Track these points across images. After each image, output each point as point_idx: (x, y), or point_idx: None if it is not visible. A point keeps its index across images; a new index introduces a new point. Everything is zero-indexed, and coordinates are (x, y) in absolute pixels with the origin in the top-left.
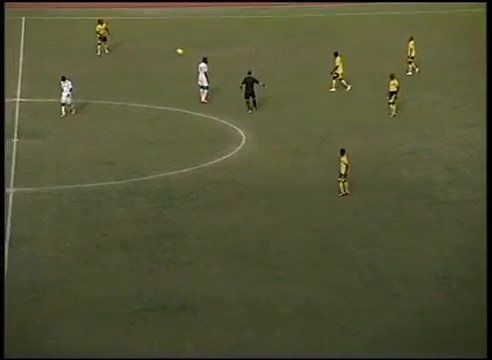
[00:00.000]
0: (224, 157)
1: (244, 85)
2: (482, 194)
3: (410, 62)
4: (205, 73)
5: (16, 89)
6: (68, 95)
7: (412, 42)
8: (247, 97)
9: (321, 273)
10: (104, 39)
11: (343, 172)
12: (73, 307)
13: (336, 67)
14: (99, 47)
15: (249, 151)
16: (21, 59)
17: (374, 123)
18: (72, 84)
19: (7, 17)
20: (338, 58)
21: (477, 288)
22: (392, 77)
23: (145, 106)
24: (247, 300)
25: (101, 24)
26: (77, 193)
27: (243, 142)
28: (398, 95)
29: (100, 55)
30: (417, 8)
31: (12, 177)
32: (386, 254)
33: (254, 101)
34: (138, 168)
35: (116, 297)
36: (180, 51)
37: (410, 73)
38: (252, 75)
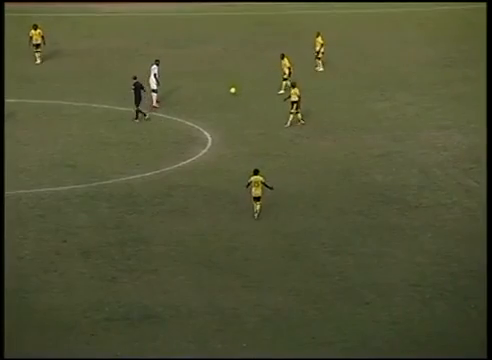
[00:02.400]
0: (189, 160)
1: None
2: (457, 198)
3: (319, 58)
4: (155, 75)
5: None
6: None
7: (320, 38)
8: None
9: (290, 281)
10: (37, 46)
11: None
12: (30, 317)
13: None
14: (38, 55)
15: (215, 154)
16: None
17: (345, 124)
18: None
19: None
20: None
21: (452, 296)
22: (293, 86)
23: (107, 107)
24: (213, 309)
25: (35, 29)
26: (35, 198)
27: (209, 144)
28: (300, 104)
29: (40, 63)
30: (390, 6)
31: None
32: (357, 261)
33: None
34: (99, 172)
35: (76, 307)
36: (233, 90)
37: (321, 69)
38: (138, 80)
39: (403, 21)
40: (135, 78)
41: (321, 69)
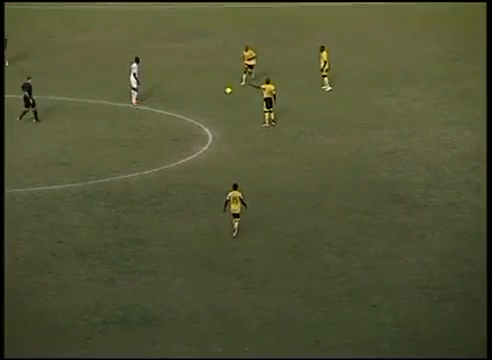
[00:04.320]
0: (189, 158)
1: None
2: (466, 197)
3: (324, 76)
4: (134, 74)
5: None
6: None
7: (324, 53)
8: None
9: (294, 282)
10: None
11: None
12: (25, 320)
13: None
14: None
15: (216, 151)
16: None
17: (350, 121)
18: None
19: None
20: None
21: (460, 299)
22: (268, 82)
23: (103, 103)
24: (214, 312)
25: None
26: (30, 197)
27: (210, 142)
28: (275, 102)
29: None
30: None
31: None
32: (363, 262)
33: (35, 111)
34: (96, 170)
35: (72, 309)
36: (229, 90)
37: (329, 88)
38: (30, 81)
39: (408, 15)
40: (29, 78)
41: (329, 88)
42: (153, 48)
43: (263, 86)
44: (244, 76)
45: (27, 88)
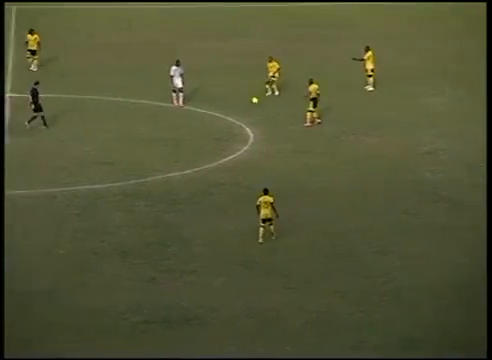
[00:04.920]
0: (230, 157)
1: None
2: None
3: (370, 76)
4: (171, 76)
5: (6, 83)
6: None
7: (370, 53)
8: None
9: (334, 282)
10: (34, 53)
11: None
12: (67, 319)
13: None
14: (29, 61)
15: (257, 151)
16: (11, 51)
17: (392, 120)
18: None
19: None
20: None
21: None
22: (311, 82)
23: (145, 102)
24: (255, 312)
25: (31, 35)
26: (72, 196)
27: (251, 141)
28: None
29: (33, 69)
30: None
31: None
32: (404, 262)
33: (43, 117)
34: (138, 169)
35: (113, 308)
36: (255, 100)
37: (371, 88)
38: (38, 87)
39: (444, 13)
40: (36, 83)
41: (371, 89)
42: (195, 47)
43: (308, 88)
44: (267, 86)
45: (32, 93)
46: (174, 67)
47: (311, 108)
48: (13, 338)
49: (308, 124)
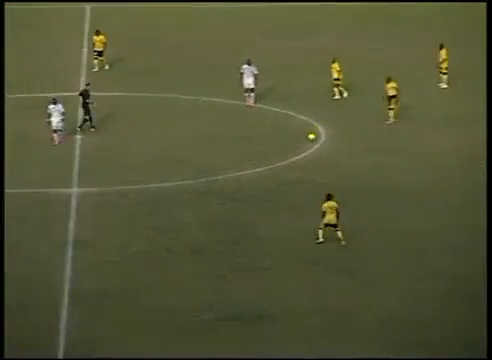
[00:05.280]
0: (302, 155)
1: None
2: None
3: (444, 73)
4: (241, 74)
5: (78, 83)
6: (62, 120)
7: (444, 51)
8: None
9: (406, 281)
10: (100, 53)
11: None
12: (139, 316)
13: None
14: (96, 62)
15: (329, 149)
16: (84, 50)
17: (465, 117)
18: (63, 107)
19: (69, 5)
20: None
21: None
22: (388, 80)
23: (218, 100)
24: (326, 310)
25: (97, 35)
26: (144, 194)
27: (323, 139)
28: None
29: (98, 71)
30: None
31: (75, 176)
32: (477, 261)
33: (90, 119)
34: (209, 167)
35: (185, 306)
36: (312, 137)
37: (445, 86)
38: (89, 88)
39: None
40: (87, 84)
41: (444, 86)
42: (267, 46)
43: (388, 85)
44: (335, 89)
45: (82, 94)
46: (245, 66)
47: (391, 106)
48: (92, 333)
49: (390, 122)
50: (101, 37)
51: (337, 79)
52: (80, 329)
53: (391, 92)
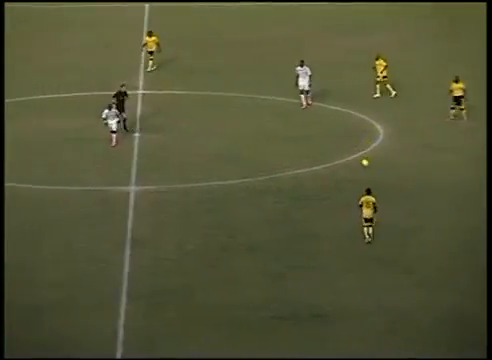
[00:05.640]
0: (360, 153)
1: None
2: None
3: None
4: (297, 76)
5: (138, 80)
6: (118, 122)
7: None
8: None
9: (466, 280)
10: (151, 53)
11: None
12: (196, 314)
13: None
14: (151, 63)
15: (387, 147)
16: (143, 48)
17: None
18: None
19: (128, 4)
20: None
21: None
22: (457, 80)
23: (275, 99)
24: (384, 309)
25: (150, 36)
26: (202, 192)
27: (381, 137)
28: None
29: (150, 71)
30: None
31: (133, 174)
32: None
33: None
34: (267, 165)
35: (242, 304)
36: (365, 162)
37: None
38: (124, 89)
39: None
40: (122, 86)
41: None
42: (324, 44)
43: (454, 86)
44: (377, 86)
45: (117, 96)
46: (298, 68)
47: (461, 106)
48: (150, 330)
49: (450, 118)
50: (153, 38)
51: (384, 76)
52: (138, 327)
53: (458, 93)
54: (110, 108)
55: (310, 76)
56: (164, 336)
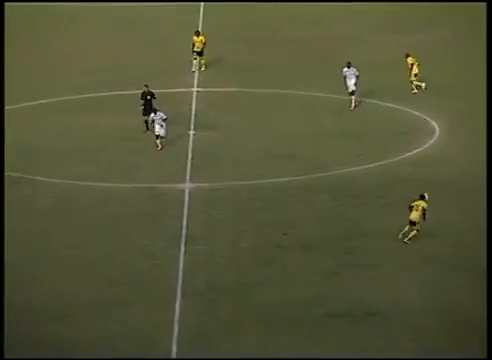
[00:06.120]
0: (415, 151)
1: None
2: None
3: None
4: (344, 77)
5: (193, 78)
6: (162, 126)
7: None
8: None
9: None
10: (200, 54)
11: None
12: (251, 311)
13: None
14: (194, 62)
15: (443, 144)
16: None
17: None
18: (165, 114)
19: (183, 3)
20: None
21: None
22: None
23: (330, 96)
24: (439, 308)
25: (197, 36)
26: (256, 189)
27: (436, 135)
28: None
29: (194, 71)
30: None
31: (188, 171)
32: None
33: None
34: (321, 163)
35: (296, 301)
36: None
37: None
38: (147, 89)
39: None
40: (146, 86)
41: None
42: (379, 41)
43: None
44: (414, 85)
45: (143, 96)
46: (345, 69)
47: None
48: (205, 327)
49: None
50: (201, 38)
51: (415, 75)
52: (192, 323)
53: None
54: (155, 112)
55: (357, 76)
56: (218, 333)
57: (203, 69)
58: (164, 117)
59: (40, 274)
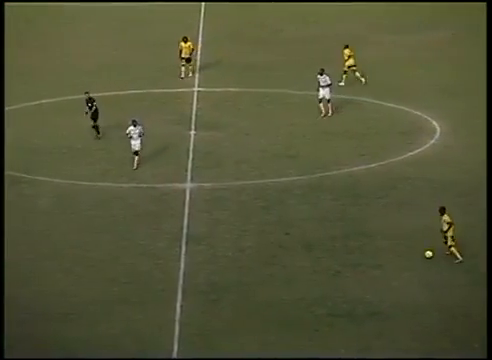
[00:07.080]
0: (416, 151)
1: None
2: None
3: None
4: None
5: (194, 78)
6: (141, 141)
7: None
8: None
9: None
10: (188, 60)
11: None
12: (253, 310)
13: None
14: (183, 69)
15: (444, 144)
16: (199, 46)
17: None
18: (143, 129)
19: (184, 3)
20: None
21: None
22: None
23: (331, 96)
24: (441, 307)
25: (185, 42)
26: (257, 189)
27: (437, 135)
28: None
29: (183, 78)
30: None
31: (189, 171)
32: None
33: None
34: (322, 162)
35: (298, 301)
36: (429, 254)
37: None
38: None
39: None
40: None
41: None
42: (380, 40)
43: None
44: (344, 76)
45: (87, 103)
46: (318, 76)
47: None
48: (207, 326)
49: None
50: (189, 44)
51: (352, 65)
52: (194, 323)
53: None
54: (134, 125)
55: (329, 85)
56: (219, 332)
57: (190, 75)
58: (142, 132)
59: (42, 274)
